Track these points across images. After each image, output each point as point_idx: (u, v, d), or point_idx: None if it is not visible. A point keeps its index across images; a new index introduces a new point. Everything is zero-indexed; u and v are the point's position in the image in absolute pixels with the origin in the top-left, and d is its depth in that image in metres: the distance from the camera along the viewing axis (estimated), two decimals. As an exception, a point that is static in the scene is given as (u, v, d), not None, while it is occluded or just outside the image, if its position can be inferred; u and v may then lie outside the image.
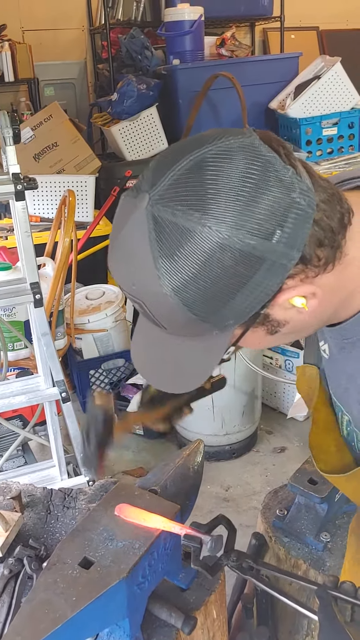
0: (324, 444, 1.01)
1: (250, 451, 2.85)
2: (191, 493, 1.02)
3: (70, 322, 2.95)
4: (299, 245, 0.67)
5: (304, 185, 0.67)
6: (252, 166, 0.65)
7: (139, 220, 0.66)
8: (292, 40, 5.22)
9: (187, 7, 4.01)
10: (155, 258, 0.65)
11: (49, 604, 0.76)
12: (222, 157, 0.65)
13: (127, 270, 0.70)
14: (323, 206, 0.69)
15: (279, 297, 0.70)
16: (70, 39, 4.92)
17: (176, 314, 0.68)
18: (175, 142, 0.72)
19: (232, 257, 0.64)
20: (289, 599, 0.88)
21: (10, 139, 1.80)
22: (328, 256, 0.71)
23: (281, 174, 0.66)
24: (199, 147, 0.66)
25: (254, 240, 0.64)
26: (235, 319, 0.70)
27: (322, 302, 0.74)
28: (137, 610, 0.86)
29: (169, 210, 0.64)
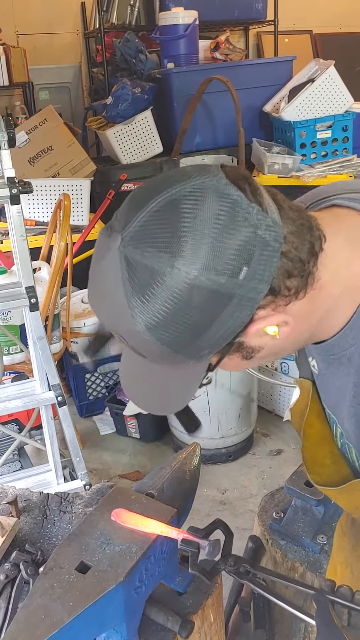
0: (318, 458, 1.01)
1: (247, 454, 2.85)
2: (188, 496, 1.02)
3: (66, 326, 2.95)
4: (267, 278, 0.69)
5: (269, 221, 0.69)
6: (220, 208, 0.67)
7: (113, 260, 0.68)
8: (286, 43, 5.24)
9: (182, 11, 4.02)
10: (128, 297, 0.68)
11: (46, 609, 0.76)
12: (190, 199, 0.67)
13: (104, 308, 0.74)
14: (291, 238, 0.71)
15: (251, 327, 0.73)
16: (64, 42, 4.93)
17: (152, 347, 0.71)
18: (145, 181, 0.74)
19: (201, 295, 0.67)
20: (286, 603, 0.88)
21: (5, 143, 1.79)
22: (298, 285, 0.73)
23: (246, 212, 0.68)
24: (168, 188, 0.68)
25: (222, 279, 0.67)
26: (210, 349, 0.72)
27: (295, 328, 0.76)
28: (135, 615, 0.86)
29: (139, 252, 0.67)
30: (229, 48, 4.44)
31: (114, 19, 4.60)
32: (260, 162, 3.86)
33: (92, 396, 3.15)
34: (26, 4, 4.69)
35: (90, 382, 3.12)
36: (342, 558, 1.19)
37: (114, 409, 2.97)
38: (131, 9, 4.56)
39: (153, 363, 0.76)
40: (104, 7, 4.52)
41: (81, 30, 4.94)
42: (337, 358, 0.85)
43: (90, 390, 3.14)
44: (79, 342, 3.06)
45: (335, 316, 0.80)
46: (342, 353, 0.83)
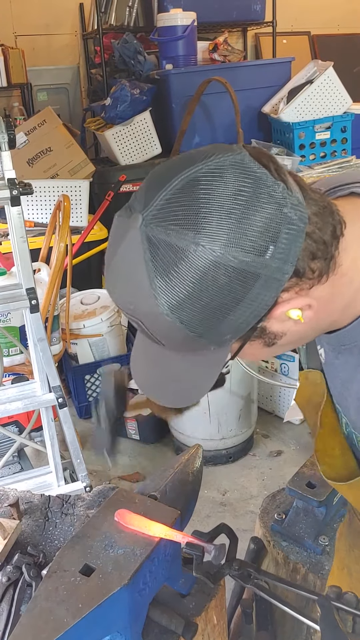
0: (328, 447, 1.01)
1: (247, 455, 2.85)
2: (190, 498, 1.02)
3: (66, 327, 2.94)
4: (293, 259, 0.68)
5: (295, 200, 0.68)
6: (243, 183, 0.66)
7: (134, 240, 0.67)
8: (284, 45, 5.24)
9: (180, 12, 4.02)
10: (151, 278, 0.66)
11: (50, 612, 0.76)
12: (213, 175, 0.66)
13: (123, 291, 0.71)
14: (315, 219, 0.70)
15: (275, 310, 0.71)
16: (63, 44, 4.93)
17: (173, 332, 0.69)
18: (167, 160, 0.73)
19: (226, 274, 0.65)
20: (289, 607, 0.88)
21: (6, 144, 1.79)
22: (322, 268, 0.72)
23: (272, 189, 0.66)
24: (190, 166, 0.67)
25: (248, 257, 0.65)
26: (233, 334, 0.71)
27: (317, 313, 0.75)
28: (138, 617, 0.86)
29: (163, 230, 0.65)
30: (228, 49, 4.45)
31: (112, 20, 4.59)
32: (259, 163, 3.86)
33: (92, 397, 3.15)
34: (24, 5, 4.69)
35: (90, 384, 3.12)
36: (338, 560, 1.19)
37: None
38: (129, 10, 4.56)
39: (171, 351, 0.74)
40: (102, 9, 4.52)
41: (79, 31, 4.94)
42: (348, 348, 0.84)
43: (89, 392, 3.14)
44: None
45: (353, 305, 0.79)
46: (354, 344, 0.83)
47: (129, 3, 4.55)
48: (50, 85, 4.92)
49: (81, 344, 3.07)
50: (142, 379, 0.84)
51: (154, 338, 0.73)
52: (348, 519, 1.20)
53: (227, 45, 4.46)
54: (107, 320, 3.08)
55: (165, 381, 0.80)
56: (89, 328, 3.05)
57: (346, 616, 0.85)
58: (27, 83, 4.59)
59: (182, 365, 0.76)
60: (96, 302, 3.20)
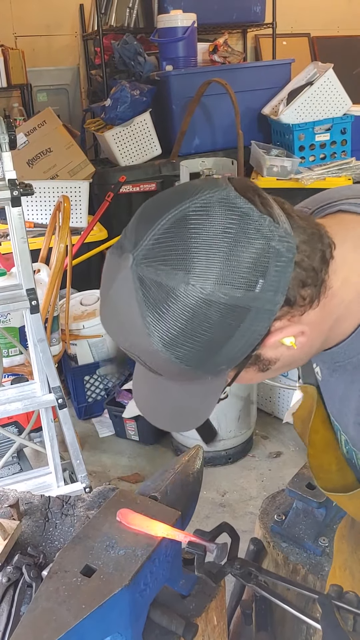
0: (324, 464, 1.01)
1: (246, 456, 2.85)
2: (191, 499, 1.02)
3: (65, 328, 2.94)
4: (283, 289, 0.69)
5: (281, 231, 0.68)
6: (230, 220, 0.67)
7: (126, 280, 0.68)
8: (284, 46, 5.25)
9: (180, 14, 4.03)
10: (144, 316, 0.67)
11: (51, 612, 0.76)
12: (200, 213, 0.67)
13: (118, 328, 0.73)
14: (303, 247, 0.71)
15: (268, 339, 0.73)
16: (63, 44, 4.93)
17: (169, 365, 0.71)
18: (153, 197, 0.74)
19: (217, 310, 0.66)
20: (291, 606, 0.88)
21: (6, 145, 1.79)
22: (312, 294, 0.73)
23: (258, 224, 0.67)
24: (177, 204, 0.68)
25: (238, 293, 0.66)
26: (228, 365, 0.72)
27: (310, 337, 0.76)
28: (139, 618, 0.86)
29: (153, 270, 0.66)
30: (228, 51, 4.45)
31: (112, 21, 4.60)
32: (259, 165, 3.87)
33: (91, 398, 3.15)
34: (24, 6, 4.69)
35: (89, 385, 3.12)
36: (341, 561, 1.19)
37: (113, 411, 2.97)
38: (130, 11, 4.56)
39: (169, 380, 0.75)
40: (103, 10, 4.52)
41: (79, 32, 4.95)
42: (342, 365, 0.85)
43: (89, 393, 3.14)
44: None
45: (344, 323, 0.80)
46: (347, 361, 0.83)
47: (129, 4, 4.55)
48: (50, 86, 4.93)
49: (81, 344, 3.07)
50: (143, 405, 0.85)
51: (151, 369, 0.74)
52: (350, 521, 1.20)
53: (227, 46, 4.47)
54: (107, 321, 3.07)
55: (164, 408, 0.82)
56: (89, 329, 3.05)
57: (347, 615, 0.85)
58: (27, 84, 4.59)
59: (180, 394, 0.77)
60: (96, 303, 3.20)
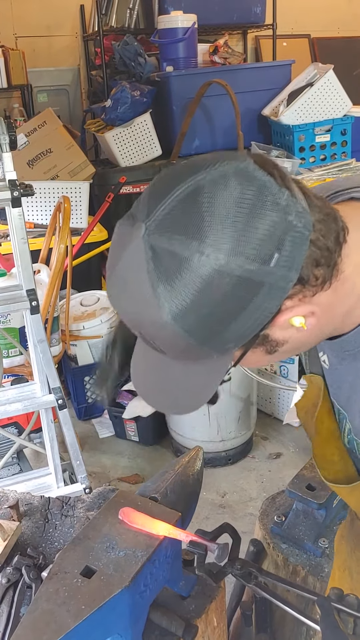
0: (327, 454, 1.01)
1: (246, 457, 2.85)
2: (191, 500, 1.02)
3: (65, 329, 2.94)
4: (297, 266, 0.67)
5: (299, 207, 0.67)
6: (247, 191, 0.65)
7: (137, 250, 0.66)
8: (284, 47, 5.25)
9: (181, 15, 4.03)
10: (155, 286, 0.66)
11: (51, 614, 0.76)
12: (216, 183, 0.65)
13: (126, 299, 0.71)
14: (319, 226, 0.70)
15: (278, 318, 0.71)
16: (63, 45, 4.93)
17: (176, 340, 0.69)
18: (169, 167, 0.72)
19: (231, 283, 0.65)
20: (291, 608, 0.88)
21: (7, 146, 1.79)
22: (325, 275, 0.72)
23: (277, 197, 0.66)
24: (193, 174, 0.66)
25: (252, 266, 0.65)
26: (235, 342, 0.71)
27: (320, 320, 0.75)
28: (139, 619, 0.86)
29: (166, 240, 0.65)
30: (228, 52, 4.46)
31: (113, 22, 4.60)
32: (259, 166, 3.86)
33: (91, 399, 3.15)
34: (25, 7, 4.69)
35: (89, 385, 3.12)
36: (340, 561, 1.19)
37: (113, 412, 2.97)
38: (130, 12, 4.57)
39: (173, 359, 0.74)
40: (103, 10, 4.53)
41: (80, 33, 4.95)
42: (352, 354, 0.84)
43: (89, 394, 3.14)
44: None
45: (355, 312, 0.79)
46: (358, 349, 0.83)
47: (130, 5, 4.56)
48: (51, 87, 4.93)
49: (81, 345, 3.06)
50: (141, 386, 0.84)
51: (155, 346, 0.73)
52: (349, 521, 1.20)
53: (228, 47, 4.47)
54: (107, 321, 3.08)
55: (164, 389, 0.80)
56: (89, 329, 3.05)
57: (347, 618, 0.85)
58: (28, 84, 4.59)
59: (182, 374, 0.76)
60: (96, 304, 3.20)
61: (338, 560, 1.20)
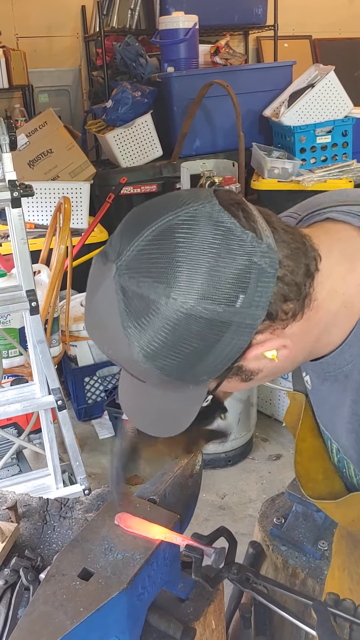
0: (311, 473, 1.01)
1: (246, 459, 2.84)
2: (190, 502, 1.01)
3: (65, 329, 2.94)
4: (264, 304, 0.69)
5: (264, 247, 0.68)
6: (213, 235, 0.67)
7: (109, 289, 0.68)
8: (285, 48, 5.25)
9: (182, 16, 4.03)
10: (125, 327, 0.67)
11: (49, 616, 0.76)
12: (183, 227, 0.67)
13: (101, 336, 0.73)
14: (286, 262, 0.71)
15: (249, 352, 0.72)
16: (64, 46, 4.93)
17: (150, 375, 0.71)
18: (138, 206, 0.74)
19: (198, 324, 0.66)
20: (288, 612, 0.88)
21: (7, 146, 1.79)
22: (295, 308, 0.73)
23: (241, 239, 0.67)
24: (162, 215, 0.68)
25: (219, 308, 0.66)
26: (209, 376, 0.72)
27: (292, 350, 0.76)
28: (137, 622, 0.85)
29: (135, 282, 0.66)
30: (229, 52, 4.46)
31: (114, 23, 4.60)
32: (260, 167, 3.86)
33: (91, 400, 3.14)
34: (26, 7, 4.69)
35: (89, 386, 3.11)
36: (339, 562, 1.18)
37: (113, 413, 2.96)
38: (131, 13, 4.57)
39: (152, 387, 0.75)
40: (104, 11, 4.53)
41: (81, 33, 4.95)
42: (333, 375, 0.85)
43: (89, 394, 3.13)
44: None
45: (332, 333, 0.80)
46: (338, 370, 0.83)
47: (131, 5, 4.56)
48: (52, 87, 4.93)
49: (81, 346, 3.06)
50: (128, 409, 0.85)
51: (134, 376, 0.74)
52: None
53: (229, 48, 4.47)
54: (107, 322, 3.07)
55: (149, 413, 0.82)
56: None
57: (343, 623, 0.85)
58: (29, 85, 4.60)
59: (163, 401, 0.78)
60: (96, 304, 3.19)
61: (337, 561, 1.20)
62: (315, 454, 1.01)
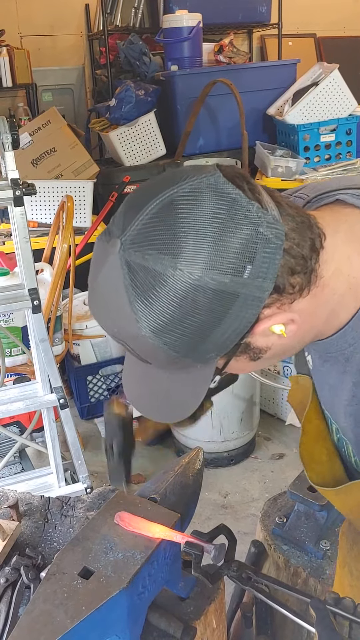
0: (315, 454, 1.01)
1: (249, 458, 2.84)
2: (191, 501, 1.01)
3: (68, 328, 2.94)
4: (271, 276, 0.68)
5: (270, 218, 0.68)
6: (218, 206, 0.66)
7: (113, 265, 0.68)
8: (290, 47, 5.24)
9: (186, 14, 4.03)
10: (132, 302, 0.67)
11: (49, 615, 0.76)
12: (188, 199, 0.67)
13: (106, 315, 0.72)
14: (292, 235, 0.71)
15: (257, 327, 0.72)
16: (68, 44, 4.93)
17: (158, 353, 0.70)
18: (142, 184, 0.73)
19: (205, 296, 0.66)
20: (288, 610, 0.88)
21: (9, 145, 1.79)
22: (302, 282, 0.73)
23: (246, 210, 0.67)
24: (165, 189, 0.68)
25: (226, 278, 0.66)
26: (217, 352, 0.72)
27: (301, 326, 0.75)
28: (137, 621, 0.85)
29: (140, 255, 0.66)
30: (233, 51, 4.45)
31: (117, 21, 4.60)
32: (263, 165, 3.86)
33: (94, 398, 3.15)
34: (30, 6, 4.70)
35: (92, 385, 3.11)
36: (340, 558, 1.18)
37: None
38: (135, 12, 4.56)
39: (159, 369, 0.75)
40: (108, 10, 4.53)
41: (85, 32, 4.95)
42: (333, 356, 0.85)
43: (91, 393, 3.13)
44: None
45: (338, 314, 0.80)
46: (339, 352, 0.83)
47: (135, 4, 4.56)
48: (55, 86, 4.93)
49: (83, 344, 3.06)
50: (133, 395, 0.84)
51: (140, 358, 0.74)
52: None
53: (233, 46, 4.47)
54: (110, 321, 3.07)
55: (154, 397, 0.81)
56: (92, 329, 3.05)
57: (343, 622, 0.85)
58: (32, 83, 4.60)
59: (169, 383, 0.77)
60: (99, 303, 3.19)
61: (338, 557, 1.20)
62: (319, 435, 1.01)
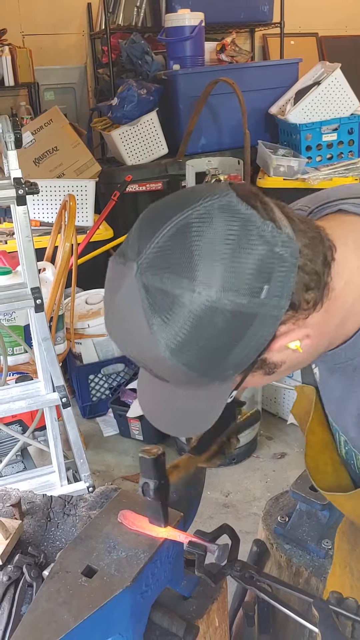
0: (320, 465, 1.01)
1: (250, 457, 2.84)
2: (193, 500, 1.01)
3: (70, 327, 2.94)
4: (287, 294, 0.69)
5: (284, 237, 0.68)
6: (232, 226, 0.66)
7: (131, 288, 0.68)
8: (292, 46, 5.23)
9: (188, 13, 4.03)
10: (150, 324, 0.67)
11: (52, 613, 0.76)
12: (202, 220, 0.67)
13: (125, 336, 0.73)
14: (305, 251, 0.71)
15: (274, 344, 0.72)
16: (70, 43, 4.93)
17: (176, 373, 0.70)
18: (155, 203, 0.73)
19: (224, 317, 0.66)
20: (290, 610, 0.88)
21: (12, 144, 1.79)
22: (316, 297, 0.73)
23: (261, 229, 0.67)
24: (179, 211, 0.68)
25: (244, 300, 0.66)
26: (234, 370, 0.72)
27: (314, 340, 0.76)
28: (140, 619, 0.86)
29: (158, 278, 0.66)
30: (235, 50, 4.45)
31: (120, 20, 4.60)
32: (265, 165, 3.86)
33: (96, 397, 3.15)
34: (32, 5, 4.70)
35: (94, 384, 3.12)
36: (341, 559, 1.18)
37: (118, 410, 2.97)
38: (137, 10, 4.56)
39: (176, 387, 0.75)
40: (110, 8, 4.53)
41: (87, 31, 4.95)
42: (341, 367, 0.85)
43: (93, 392, 3.14)
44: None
45: (345, 324, 0.80)
46: (348, 362, 0.83)
47: (137, 3, 4.56)
48: (57, 85, 4.93)
49: (85, 343, 3.07)
50: (148, 409, 0.84)
51: (158, 376, 0.74)
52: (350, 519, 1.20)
53: (235, 46, 4.46)
54: (112, 320, 3.07)
55: (171, 413, 0.81)
56: (94, 328, 3.05)
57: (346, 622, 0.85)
58: (34, 82, 4.60)
59: (187, 400, 0.77)
60: (101, 302, 3.20)
61: (338, 557, 1.20)
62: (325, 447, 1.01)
